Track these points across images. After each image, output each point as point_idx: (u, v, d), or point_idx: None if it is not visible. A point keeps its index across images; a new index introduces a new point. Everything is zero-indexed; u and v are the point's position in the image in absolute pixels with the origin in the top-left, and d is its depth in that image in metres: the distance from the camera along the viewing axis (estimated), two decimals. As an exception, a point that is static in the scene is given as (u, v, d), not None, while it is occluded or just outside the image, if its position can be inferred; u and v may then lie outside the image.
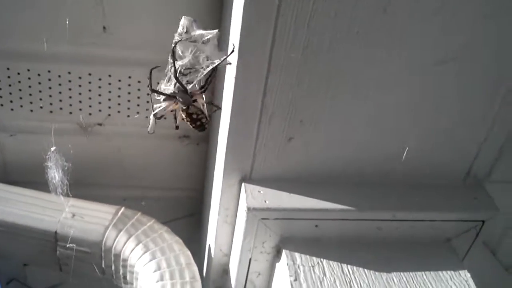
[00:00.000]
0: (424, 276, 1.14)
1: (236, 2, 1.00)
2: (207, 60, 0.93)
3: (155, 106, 0.97)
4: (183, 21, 0.93)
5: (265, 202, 1.13)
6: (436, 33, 1.01)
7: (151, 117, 0.98)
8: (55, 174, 1.13)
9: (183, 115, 0.98)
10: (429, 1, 0.97)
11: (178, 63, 0.93)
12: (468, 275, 1.15)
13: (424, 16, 0.98)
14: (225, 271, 1.34)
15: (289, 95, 1.05)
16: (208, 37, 0.92)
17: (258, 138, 1.11)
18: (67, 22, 1.21)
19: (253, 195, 1.14)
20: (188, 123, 0.99)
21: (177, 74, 0.93)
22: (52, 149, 1.11)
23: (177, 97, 0.95)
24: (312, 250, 1.15)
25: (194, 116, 0.98)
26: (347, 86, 1.06)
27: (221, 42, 0.97)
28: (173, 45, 0.93)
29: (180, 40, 0.92)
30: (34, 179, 1.43)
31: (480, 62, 1.06)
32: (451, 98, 1.10)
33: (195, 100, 0.96)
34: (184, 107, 0.96)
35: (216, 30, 0.93)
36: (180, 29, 0.92)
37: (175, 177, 1.65)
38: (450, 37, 1.01)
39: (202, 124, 1.00)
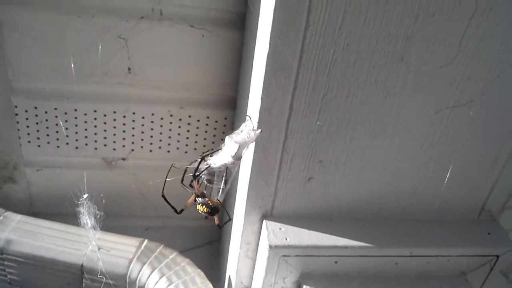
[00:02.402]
0: (441, 311, 1.17)
1: (259, 51, 1.05)
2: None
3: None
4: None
5: (286, 239, 1.17)
6: (452, 78, 1.05)
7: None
8: (87, 221, 1.18)
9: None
10: (445, 50, 1.01)
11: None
12: (484, 309, 1.19)
13: (440, 64, 1.03)
14: (246, 303, 1.38)
15: (309, 138, 1.10)
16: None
17: (279, 178, 1.16)
18: (98, 64, 1.27)
19: (274, 233, 1.18)
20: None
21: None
22: (85, 196, 1.15)
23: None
24: (332, 285, 1.19)
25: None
26: (365, 130, 1.10)
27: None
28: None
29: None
30: (58, 211, 1.49)
31: (494, 105, 1.10)
32: (465, 139, 1.14)
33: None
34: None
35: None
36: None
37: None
38: (466, 82, 1.06)
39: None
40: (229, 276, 1.44)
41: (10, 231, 1.40)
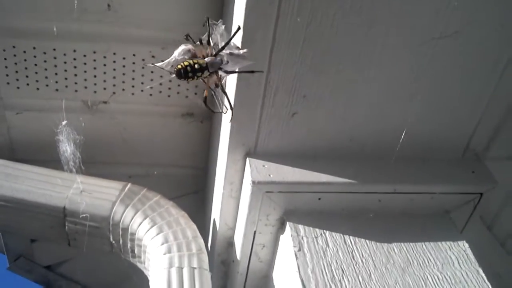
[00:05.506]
0: (424, 246, 1.18)
1: (241, -22, 1.02)
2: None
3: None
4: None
5: (269, 175, 1.16)
6: (438, 7, 1.03)
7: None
8: (66, 148, 1.15)
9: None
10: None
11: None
12: (467, 245, 1.19)
13: (425, -9, 1.01)
14: (230, 244, 1.38)
15: (293, 70, 1.08)
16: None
17: (263, 114, 1.14)
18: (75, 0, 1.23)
19: (257, 169, 1.17)
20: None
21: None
22: (63, 123, 1.13)
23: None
24: (315, 222, 1.18)
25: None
26: (350, 62, 1.08)
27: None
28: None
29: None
30: (41, 157, 1.46)
31: (481, 37, 1.08)
32: (451, 72, 1.13)
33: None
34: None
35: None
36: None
37: (179, 155, 1.67)
38: (452, 11, 1.03)
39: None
40: (214, 219, 1.43)
41: (-10, 175, 1.38)
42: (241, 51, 0.96)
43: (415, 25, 1.04)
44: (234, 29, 1.08)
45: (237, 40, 1.01)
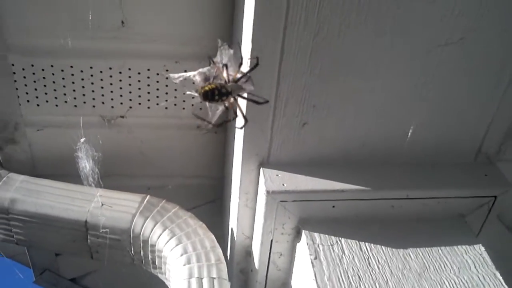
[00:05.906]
0: (440, 251, 1.18)
1: (248, -6, 1.04)
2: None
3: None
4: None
5: (283, 185, 1.18)
6: (443, 14, 1.04)
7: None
8: (86, 164, 1.19)
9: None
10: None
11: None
12: (483, 248, 1.19)
13: (430, -1, 1.01)
14: (248, 253, 1.39)
15: (302, 81, 1.10)
16: None
17: (274, 124, 1.16)
18: (89, 18, 1.27)
19: (271, 179, 1.19)
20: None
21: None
22: (82, 140, 1.16)
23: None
24: (330, 229, 1.19)
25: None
26: (357, 71, 1.10)
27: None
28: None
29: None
30: (61, 172, 1.51)
31: (487, 42, 1.09)
32: (459, 78, 1.13)
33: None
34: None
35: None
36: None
37: (195, 165, 1.70)
38: (456, 18, 1.04)
39: None
40: (231, 229, 1.45)
41: (14, 191, 1.42)
42: (247, 76, 0.99)
43: (421, 33, 1.05)
44: (244, 43, 1.10)
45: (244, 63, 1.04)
